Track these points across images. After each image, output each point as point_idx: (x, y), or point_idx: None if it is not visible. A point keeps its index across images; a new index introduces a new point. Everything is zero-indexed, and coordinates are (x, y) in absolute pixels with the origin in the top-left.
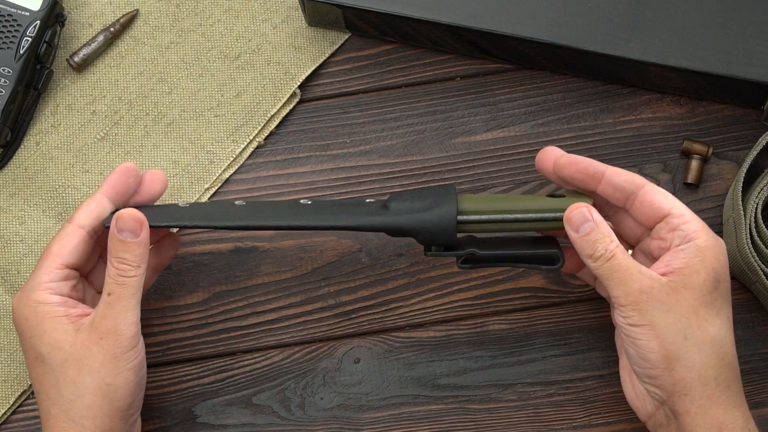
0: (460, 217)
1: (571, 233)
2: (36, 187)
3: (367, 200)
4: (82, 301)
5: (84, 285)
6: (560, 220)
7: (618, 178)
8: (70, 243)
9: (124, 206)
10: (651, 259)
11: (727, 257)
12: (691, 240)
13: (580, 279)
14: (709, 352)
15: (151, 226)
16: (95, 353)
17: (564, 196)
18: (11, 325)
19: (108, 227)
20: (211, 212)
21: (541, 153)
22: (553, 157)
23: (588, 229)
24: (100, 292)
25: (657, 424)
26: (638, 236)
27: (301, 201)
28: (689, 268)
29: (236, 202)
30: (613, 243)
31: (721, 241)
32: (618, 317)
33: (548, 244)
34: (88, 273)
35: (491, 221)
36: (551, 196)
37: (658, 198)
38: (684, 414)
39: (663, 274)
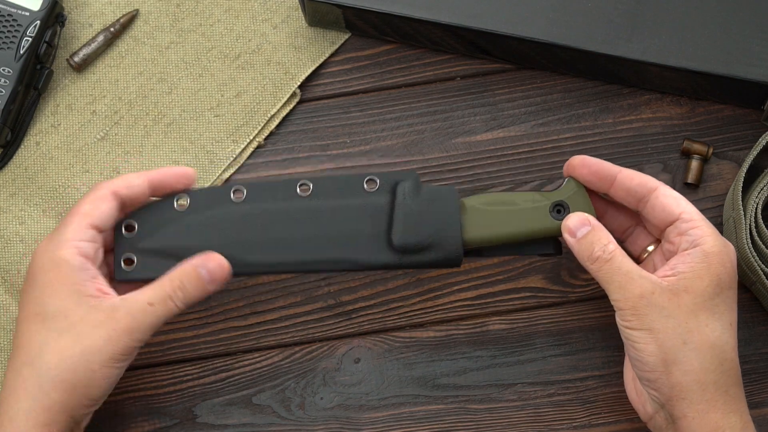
0: (465, 249)
1: (570, 239)
2: (36, 187)
3: (367, 179)
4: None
5: (102, 253)
6: (559, 232)
7: (630, 182)
8: (101, 206)
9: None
10: (664, 262)
11: (736, 263)
12: (698, 245)
13: (581, 278)
14: (708, 356)
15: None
16: (100, 340)
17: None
18: (11, 325)
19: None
20: (211, 227)
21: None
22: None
23: (585, 231)
24: (111, 268)
25: (657, 427)
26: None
27: (300, 184)
28: (693, 273)
29: (233, 195)
30: (611, 244)
31: (729, 247)
32: (618, 320)
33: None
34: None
35: (493, 246)
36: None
37: (669, 202)
38: (682, 418)
39: (667, 278)
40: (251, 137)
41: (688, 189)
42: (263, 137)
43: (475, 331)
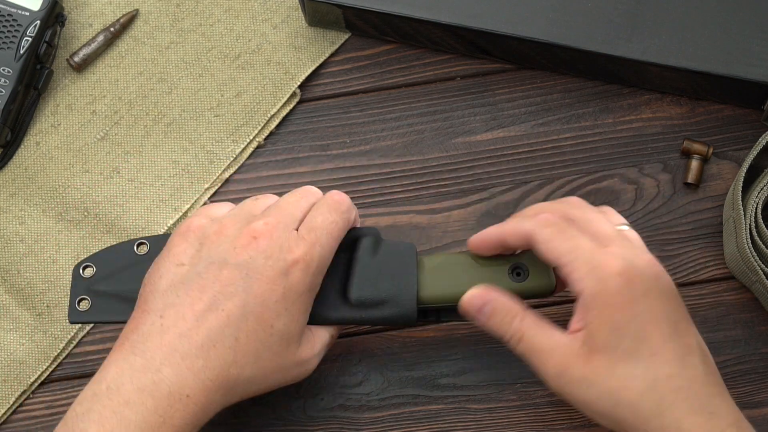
0: (421, 307)
1: (477, 317)
2: (36, 187)
3: None
4: None
5: None
6: (517, 294)
7: (513, 238)
8: None
9: None
10: None
11: (631, 275)
12: (580, 295)
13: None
14: (645, 406)
15: None
16: (281, 380)
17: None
18: (11, 325)
19: None
20: None
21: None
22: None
23: (488, 312)
24: None
25: None
26: None
27: None
28: (587, 329)
29: None
30: (516, 318)
31: (611, 267)
32: None
33: None
34: None
35: (450, 307)
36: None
37: (546, 250)
38: None
39: (576, 333)
40: (251, 137)
41: (688, 189)
42: (263, 137)
43: (475, 331)
